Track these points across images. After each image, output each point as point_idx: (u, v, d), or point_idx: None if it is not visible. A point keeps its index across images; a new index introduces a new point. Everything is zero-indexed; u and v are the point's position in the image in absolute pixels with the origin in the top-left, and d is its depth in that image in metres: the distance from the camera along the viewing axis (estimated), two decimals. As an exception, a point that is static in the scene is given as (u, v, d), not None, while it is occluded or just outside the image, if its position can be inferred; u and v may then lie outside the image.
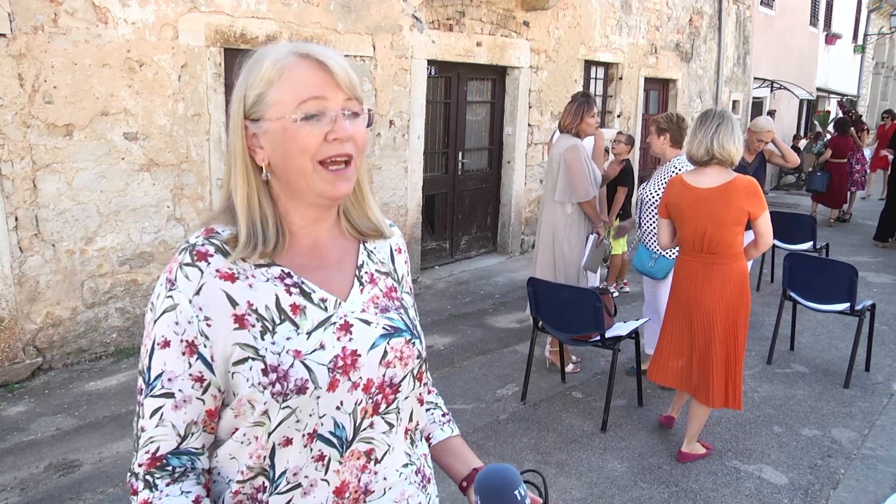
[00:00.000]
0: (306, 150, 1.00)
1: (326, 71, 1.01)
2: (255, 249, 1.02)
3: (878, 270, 7.50)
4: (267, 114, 1.01)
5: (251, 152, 1.04)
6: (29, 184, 4.06)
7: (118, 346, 4.62)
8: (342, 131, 1.01)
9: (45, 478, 3.19)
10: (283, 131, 1.00)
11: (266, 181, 1.06)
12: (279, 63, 1.01)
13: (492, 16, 6.98)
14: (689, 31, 10.83)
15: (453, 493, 3.03)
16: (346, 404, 1.03)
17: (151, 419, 1.00)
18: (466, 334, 5.27)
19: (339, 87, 1.01)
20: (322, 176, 1.02)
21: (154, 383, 1.00)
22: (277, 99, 1.00)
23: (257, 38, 4.95)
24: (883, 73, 24.81)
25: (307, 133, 1.00)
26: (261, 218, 1.04)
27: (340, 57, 1.04)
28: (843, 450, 3.62)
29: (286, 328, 1.02)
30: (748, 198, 3.11)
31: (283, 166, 1.03)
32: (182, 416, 1.00)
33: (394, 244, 1.23)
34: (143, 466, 1.01)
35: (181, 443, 1.01)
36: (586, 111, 4.21)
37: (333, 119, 1.01)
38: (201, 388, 1.01)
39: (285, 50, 1.03)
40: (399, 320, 1.12)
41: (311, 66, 1.01)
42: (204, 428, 1.03)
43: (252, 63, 1.05)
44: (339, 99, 1.02)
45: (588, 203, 4.24)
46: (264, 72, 1.01)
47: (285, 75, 1.00)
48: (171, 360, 1.00)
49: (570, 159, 4.16)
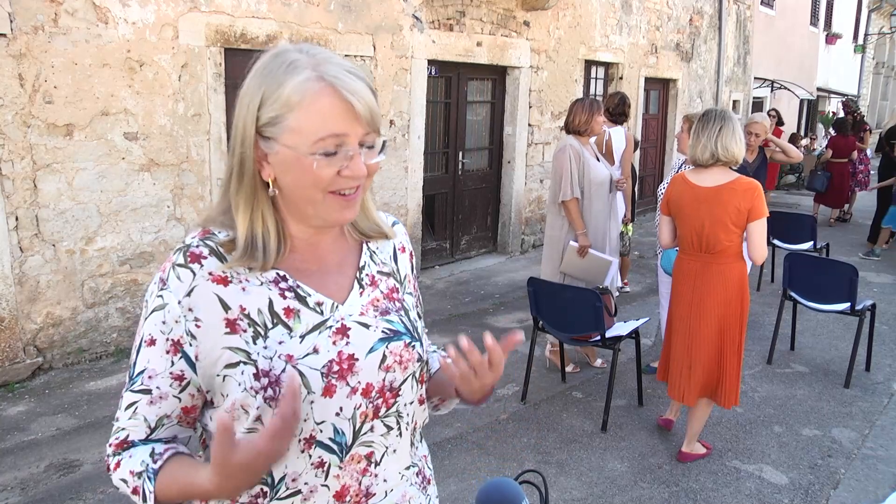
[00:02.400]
0: (318, 184, 0.98)
1: (349, 105, 0.96)
2: (252, 260, 1.01)
3: (878, 270, 7.50)
4: (282, 139, 0.97)
5: (258, 165, 1.01)
6: (29, 184, 4.06)
7: (118, 345, 4.62)
8: (357, 170, 0.98)
9: (45, 478, 3.20)
10: (297, 161, 0.97)
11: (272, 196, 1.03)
12: (301, 88, 0.96)
13: (492, 16, 6.98)
14: (690, 30, 10.83)
15: (453, 493, 3.04)
16: (345, 410, 1.03)
17: (126, 411, 1.03)
18: (467, 334, 5.24)
19: (358, 122, 0.97)
20: (330, 204, 1.00)
21: (136, 378, 1.02)
22: (295, 128, 0.96)
23: (257, 38, 4.95)
24: (883, 72, 24.80)
25: (322, 168, 0.97)
26: (263, 233, 1.02)
27: (364, 84, 0.99)
28: (843, 450, 3.62)
29: (279, 332, 1.01)
30: (747, 199, 3.10)
31: (291, 190, 1.01)
32: (156, 410, 1.02)
33: (397, 243, 1.22)
34: (112, 447, 1.04)
35: (150, 434, 1.03)
36: (596, 110, 4.29)
37: (349, 157, 0.98)
38: (179, 386, 1.02)
39: (309, 72, 0.96)
40: (399, 323, 1.11)
41: (334, 99, 0.96)
42: (178, 422, 1.05)
43: (269, 72, 0.98)
44: (359, 134, 0.98)
45: (567, 205, 4.23)
46: (285, 94, 0.96)
47: (306, 105, 0.95)
48: (155, 358, 1.01)
49: (557, 159, 4.26)
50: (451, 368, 1.06)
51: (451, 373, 1.06)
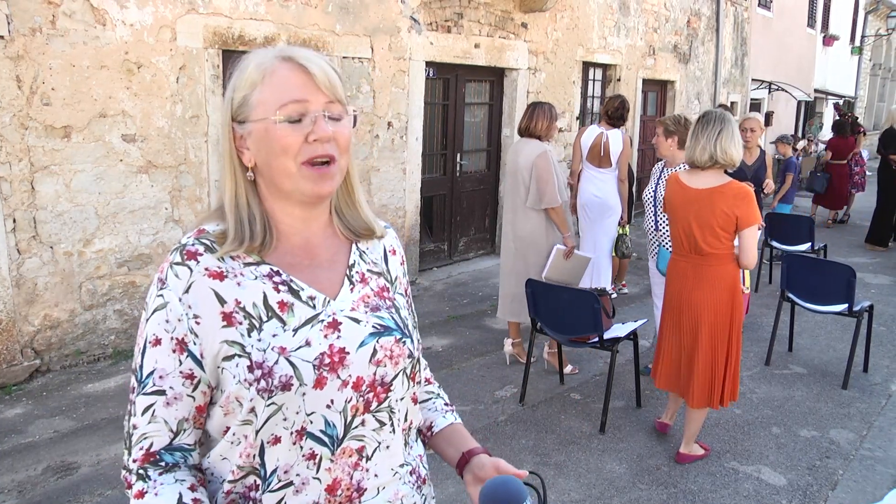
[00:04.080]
0: (288, 151, 1.03)
1: (307, 74, 1.04)
2: (241, 244, 1.05)
3: (875, 272, 7.51)
4: (251, 115, 1.05)
5: (239, 153, 1.08)
6: (27, 186, 4.06)
7: (116, 348, 4.61)
8: (322, 132, 1.03)
9: (42, 480, 3.19)
10: (266, 132, 1.03)
11: (253, 181, 1.09)
12: (262, 66, 1.05)
13: (490, 17, 6.99)
14: (687, 32, 10.85)
15: (452, 494, 3.04)
16: (336, 402, 1.04)
17: (143, 416, 1.02)
18: (465, 336, 5.27)
19: (319, 90, 1.04)
20: (305, 175, 1.05)
21: (146, 381, 1.02)
22: (260, 101, 1.04)
23: (255, 39, 4.95)
24: (880, 74, 24.85)
25: (288, 134, 1.03)
26: (248, 216, 1.07)
27: (323, 60, 1.07)
28: (841, 451, 3.62)
29: (273, 325, 1.03)
30: (737, 204, 3.08)
31: (267, 166, 1.06)
32: (174, 412, 1.02)
33: (388, 245, 1.24)
34: (136, 462, 1.02)
35: (174, 439, 1.03)
36: (555, 118, 4.34)
37: (313, 121, 1.03)
38: (191, 385, 1.02)
39: (270, 54, 1.06)
40: (389, 319, 1.13)
41: (292, 68, 1.04)
42: (195, 424, 1.05)
43: (240, 67, 1.08)
44: (320, 101, 1.04)
45: (555, 210, 4.25)
46: (248, 74, 1.06)
47: (267, 78, 1.04)
48: (162, 358, 1.02)
49: (540, 165, 4.21)
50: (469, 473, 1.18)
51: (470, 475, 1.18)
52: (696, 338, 3.26)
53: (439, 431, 1.28)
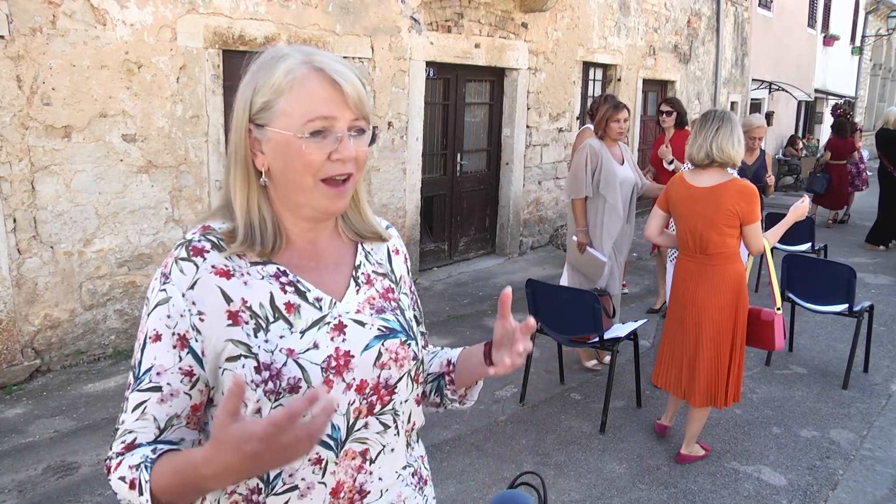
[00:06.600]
0: (309, 168, 1.00)
1: (337, 88, 1.00)
2: (251, 248, 1.03)
3: (876, 272, 7.51)
4: (273, 123, 1.01)
5: (252, 155, 1.04)
6: (27, 185, 4.06)
7: (116, 347, 4.61)
8: (346, 152, 1.01)
9: (43, 480, 3.19)
10: (287, 144, 1.00)
11: (264, 186, 1.06)
12: (291, 73, 1.00)
13: (490, 17, 6.99)
14: (688, 32, 10.85)
15: (451, 494, 3.04)
16: (340, 405, 1.04)
17: (133, 413, 1.00)
18: (465, 336, 5.27)
19: (347, 107, 1.01)
20: (322, 192, 1.03)
21: (143, 377, 1.00)
22: (286, 110, 1.00)
23: (256, 39, 4.95)
24: (881, 74, 24.84)
25: (312, 151, 0.99)
26: (259, 221, 1.05)
27: (352, 72, 1.03)
28: (841, 451, 3.62)
29: (280, 326, 1.02)
30: (740, 201, 3.10)
31: (282, 177, 1.03)
32: (166, 409, 1.00)
33: (391, 246, 1.24)
34: (115, 452, 1.01)
35: (159, 435, 1.00)
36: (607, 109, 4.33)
37: (339, 139, 1.00)
38: (190, 382, 1.01)
39: (298, 59, 1.01)
40: (395, 321, 1.12)
41: (321, 81, 1.00)
42: (187, 423, 1.02)
43: (262, 65, 1.03)
44: (347, 118, 1.01)
45: (574, 203, 4.35)
46: (275, 79, 1.00)
47: (296, 88, 0.99)
48: (162, 354, 1.00)
49: (573, 158, 4.42)
50: (497, 329, 1.07)
51: (496, 336, 1.08)
52: (700, 336, 3.26)
53: (457, 358, 1.24)
